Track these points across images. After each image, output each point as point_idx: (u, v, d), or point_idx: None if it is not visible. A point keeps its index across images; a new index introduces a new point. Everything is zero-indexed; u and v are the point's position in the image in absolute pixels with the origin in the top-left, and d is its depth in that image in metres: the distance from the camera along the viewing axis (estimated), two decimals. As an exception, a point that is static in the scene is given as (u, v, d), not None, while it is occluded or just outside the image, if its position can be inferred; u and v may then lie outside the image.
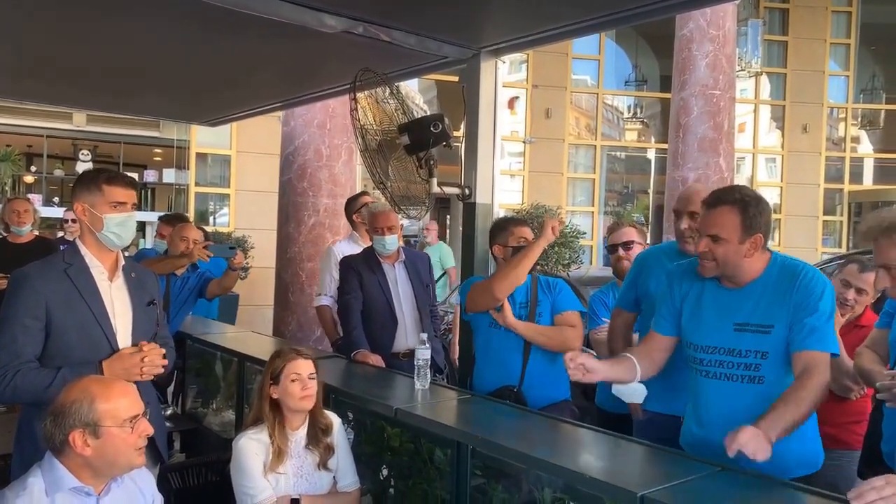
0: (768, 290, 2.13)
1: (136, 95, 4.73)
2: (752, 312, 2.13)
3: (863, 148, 15.15)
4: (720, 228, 2.11)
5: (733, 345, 2.14)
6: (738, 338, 2.13)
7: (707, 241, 2.14)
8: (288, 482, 2.33)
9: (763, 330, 2.11)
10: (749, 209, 2.10)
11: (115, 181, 2.28)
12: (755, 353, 2.11)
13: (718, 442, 2.07)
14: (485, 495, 2.19)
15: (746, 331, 2.12)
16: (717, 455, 2.15)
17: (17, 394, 2.13)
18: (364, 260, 3.69)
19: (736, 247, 2.11)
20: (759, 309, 2.13)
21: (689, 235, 2.68)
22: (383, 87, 3.12)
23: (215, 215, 10.54)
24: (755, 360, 2.11)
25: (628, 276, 2.92)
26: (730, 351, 2.15)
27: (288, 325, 6.03)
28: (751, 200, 2.12)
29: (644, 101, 14.47)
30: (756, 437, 1.87)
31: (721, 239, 2.11)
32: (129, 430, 1.71)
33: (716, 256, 2.13)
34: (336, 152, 6.06)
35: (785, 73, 14.07)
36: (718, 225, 2.12)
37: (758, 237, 2.11)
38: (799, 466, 2.12)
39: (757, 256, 2.15)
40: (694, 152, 8.15)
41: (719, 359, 2.16)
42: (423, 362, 2.74)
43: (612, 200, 14.24)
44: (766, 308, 2.12)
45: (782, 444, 2.02)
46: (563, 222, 3.01)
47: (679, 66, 8.39)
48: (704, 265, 2.18)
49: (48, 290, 2.17)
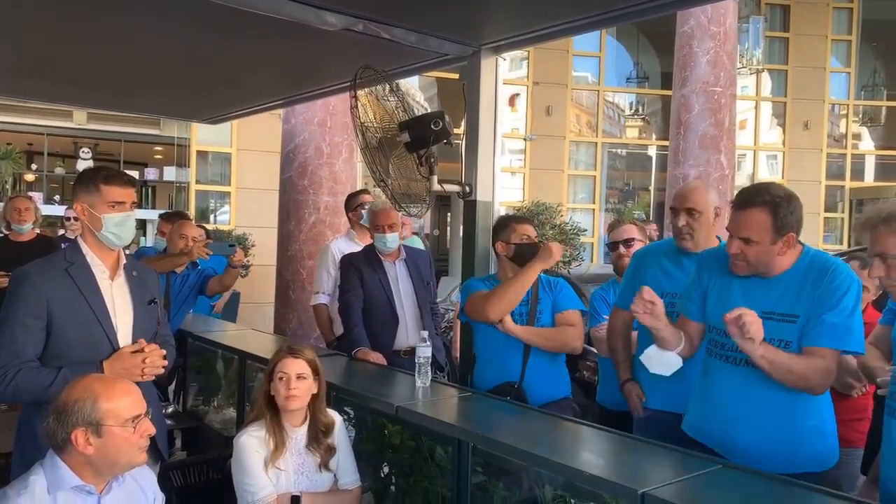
0: (796, 281, 2.12)
1: (136, 93, 4.73)
2: (779, 301, 2.12)
3: (864, 144, 15.12)
4: (751, 231, 2.08)
5: None
6: (764, 325, 2.10)
7: (739, 244, 2.11)
8: (289, 479, 2.33)
9: (788, 319, 2.10)
10: (780, 210, 2.07)
11: (113, 180, 2.27)
12: (778, 342, 2.09)
13: (723, 427, 2.10)
14: (486, 493, 2.19)
15: (772, 319, 2.11)
16: (716, 440, 2.19)
17: (18, 393, 2.13)
18: (365, 257, 3.69)
19: (768, 248, 2.09)
20: (786, 298, 2.12)
21: (687, 232, 2.68)
22: (383, 84, 3.12)
23: (216, 213, 10.54)
24: (778, 347, 2.09)
25: (626, 275, 2.92)
26: None
27: (289, 323, 6.03)
28: (781, 201, 2.08)
29: (645, 98, 14.46)
30: (758, 321, 1.94)
31: (753, 241, 2.09)
32: (132, 431, 1.71)
33: (748, 258, 2.11)
34: (337, 150, 6.06)
35: (786, 70, 14.05)
36: (749, 227, 2.09)
37: (790, 236, 2.09)
38: (811, 463, 2.12)
39: (789, 252, 2.14)
40: (695, 149, 8.14)
41: None
42: (423, 360, 2.74)
43: (613, 198, 14.23)
44: (793, 298, 2.11)
45: (802, 441, 2.08)
46: (561, 250, 3.00)
47: (680, 63, 8.38)
48: (737, 265, 2.16)
49: (49, 289, 2.17)
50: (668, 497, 1.66)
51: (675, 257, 2.75)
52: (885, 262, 1.83)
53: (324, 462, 2.39)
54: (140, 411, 1.75)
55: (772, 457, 2.08)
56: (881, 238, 1.83)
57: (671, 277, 2.72)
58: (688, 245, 2.70)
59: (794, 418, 2.11)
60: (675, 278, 2.70)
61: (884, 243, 1.82)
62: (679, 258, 2.74)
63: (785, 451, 2.10)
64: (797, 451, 2.11)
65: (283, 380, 2.34)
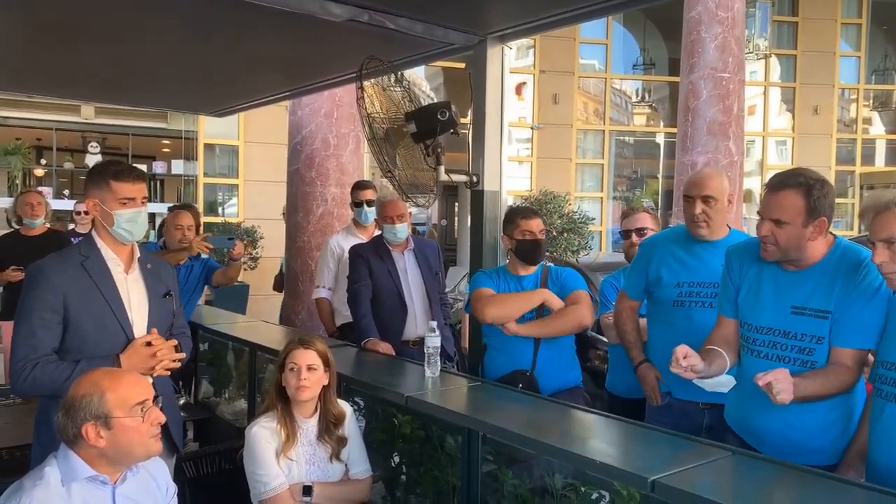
0: (828, 274, 2.09)
1: (143, 87, 4.74)
2: (811, 296, 2.10)
3: (874, 129, 15.00)
4: (783, 212, 2.06)
5: (789, 327, 2.11)
6: (795, 321, 2.10)
7: (770, 225, 2.08)
8: (300, 469, 2.35)
9: (821, 315, 2.07)
10: (813, 192, 2.04)
11: (123, 176, 2.27)
12: (811, 338, 2.08)
13: (756, 423, 2.11)
14: (496, 481, 2.20)
15: (804, 314, 2.09)
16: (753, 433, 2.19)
17: (37, 386, 2.15)
18: (373, 248, 3.70)
19: (800, 230, 2.06)
20: (817, 293, 2.09)
21: (704, 220, 2.63)
22: (389, 74, 3.11)
23: (224, 206, 10.57)
24: (810, 344, 2.08)
25: (636, 263, 2.87)
26: (785, 333, 2.12)
27: (298, 315, 6.05)
28: (815, 183, 2.05)
29: (652, 84, 14.37)
30: (788, 380, 1.90)
31: (784, 223, 2.06)
32: (140, 420, 1.73)
33: (778, 240, 2.09)
34: (343, 141, 6.05)
35: (795, 55, 13.92)
36: (782, 208, 2.06)
37: (822, 221, 2.06)
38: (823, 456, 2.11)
39: (820, 240, 2.10)
40: (703, 136, 8.08)
41: (773, 340, 2.14)
42: (433, 350, 2.74)
43: (621, 186, 14.18)
44: (825, 292, 2.08)
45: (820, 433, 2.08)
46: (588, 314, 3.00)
47: (688, 49, 8.30)
48: (767, 248, 2.13)
49: (65, 283, 2.18)
50: (677, 484, 1.67)
51: (687, 245, 2.71)
52: (889, 248, 1.82)
53: (335, 453, 2.41)
54: (147, 397, 1.76)
55: (807, 450, 2.07)
56: (887, 222, 1.82)
57: (688, 267, 2.68)
58: (703, 233, 2.65)
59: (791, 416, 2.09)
60: (691, 267, 2.68)
61: (891, 227, 1.81)
62: (691, 246, 2.70)
63: (821, 444, 2.10)
64: (822, 444, 2.10)
65: (293, 370, 2.35)
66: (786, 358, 2.12)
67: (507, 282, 3.04)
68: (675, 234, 2.83)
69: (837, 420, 2.12)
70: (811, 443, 2.10)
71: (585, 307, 2.92)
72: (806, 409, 2.06)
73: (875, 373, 1.94)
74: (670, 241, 2.80)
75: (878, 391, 1.91)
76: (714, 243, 2.65)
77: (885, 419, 1.86)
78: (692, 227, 2.67)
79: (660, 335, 2.74)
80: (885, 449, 1.85)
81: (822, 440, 2.11)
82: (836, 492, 1.72)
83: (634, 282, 2.85)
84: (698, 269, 2.66)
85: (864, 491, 1.70)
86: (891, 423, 1.84)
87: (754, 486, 1.77)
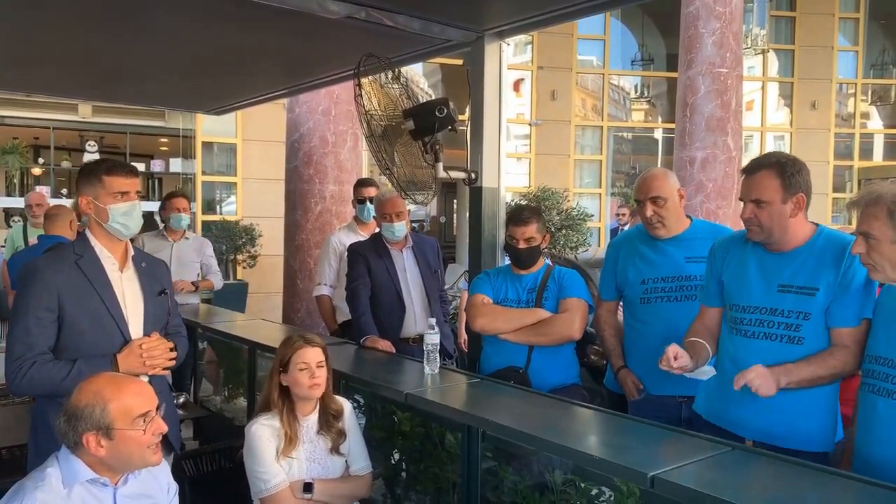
0: (813, 256, 2.15)
1: (141, 85, 4.74)
2: (797, 274, 2.16)
3: (872, 124, 14.99)
4: (762, 192, 2.14)
5: (776, 304, 2.17)
6: (782, 298, 2.16)
7: (751, 207, 2.16)
8: (301, 467, 2.35)
9: (808, 292, 2.13)
10: (786, 169, 2.13)
11: (115, 171, 2.27)
12: (797, 314, 2.14)
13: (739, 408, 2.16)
14: (496, 477, 2.21)
15: (790, 292, 2.15)
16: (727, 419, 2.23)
17: (33, 385, 2.15)
18: (372, 246, 3.70)
19: (780, 207, 2.13)
20: (803, 271, 2.15)
21: (657, 221, 2.71)
22: (387, 72, 3.11)
23: (222, 204, 10.56)
24: (797, 320, 2.13)
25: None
26: (772, 311, 2.17)
27: (297, 312, 6.06)
28: (787, 161, 2.16)
29: (650, 80, 14.35)
30: (763, 376, 1.99)
31: (763, 202, 2.14)
32: (142, 432, 1.72)
33: (761, 221, 2.16)
34: (341, 139, 6.05)
35: (793, 50, 13.90)
36: (760, 189, 2.14)
37: (800, 196, 2.13)
38: (812, 443, 2.15)
39: (801, 220, 2.17)
40: (701, 131, 8.07)
41: (760, 318, 2.19)
42: (432, 347, 2.75)
43: (620, 181, 14.16)
44: (811, 271, 2.14)
45: (803, 418, 2.12)
46: None
47: (685, 45, 8.29)
48: (752, 230, 2.20)
49: (59, 282, 2.18)
50: (677, 480, 1.67)
51: (650, 242, 2.79)
52: (867, 241, 1.87)
53: (335, 445, 2.41)
54: (150, 407, 1.75)
55: (779, 435, 2.11)
56: (866, 217, 1.87)
57: (651, 263, 2.76)
58: (661, 233, 2.74)
59: (805, 397, 2.13)
60: (655, 263, 2.75)
61: (870, 223, 1.85)
62: (655, 243, 2.78)
63: (796, 430, 2.13)
64: (800, 432, 2.14)
65: (304, 370, 2.34)
66: (773, 335, 2.17)
67: (506, 281, 3.04)
68: (640, 232, 2.87)
69: (822, 405, 2.16)
70: (796, 428, 2.14)
71: (577, 318, 2.91)
72: (789, 393, 2.09)
73: (865, 368, 1.95)
74: (635, 239, 2.87)
75: (868, 386, 1.93)
76: (676, 237, 2.74)
77: (878, 414, 1.87)
78: (649, 230, 2.77)
79: (633, 333, 2.84)
80: (877, 442, 1.87)
81: (807, 426, 2.15)
82: (834, 485, 1.73)
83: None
84: (661, 264, 2.74)
85: (860, 484, 1.70)
86: (883, 418, 1.86)
87: (753, 481, 1.78)
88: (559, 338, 2.91)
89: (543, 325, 2.91)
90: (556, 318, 2.91)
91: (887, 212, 1.83)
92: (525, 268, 3.02)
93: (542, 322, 2.92)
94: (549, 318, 2.92)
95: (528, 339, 2.92)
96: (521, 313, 2.95)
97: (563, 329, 2.90)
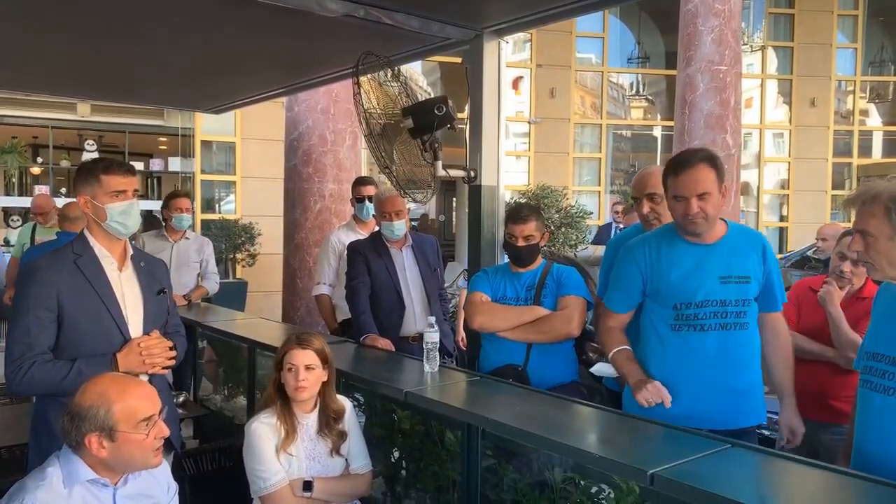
0: (735, 248, 2.35)
1: (140, 84, 4.74)
2: (730, 265, 2.32)
3: (871, 121, 14.98)
4: (706, 185, 2.25)
5: (723, 296, 2.31)
6: (726, 289, 2.31)
7: (695, 201, 2.25)
8: (300, 465, 2.35)
9: (744, 280, 2.33)
10: (717, 161, 2.30)
11: (112, 170, 2.27)
12: (742, 302, 2.32)
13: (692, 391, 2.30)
14: (495, 475, 2.21)
15: (731, 282, 2.32)
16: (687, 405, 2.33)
17: (34, 385, 2.15)
18: (371, 244, 3.70)
19: (717, 198, 2.28)
20: (735, 262, 2.33)
21: (654, 218, 2.75)
22: (386, 70, 3.11)
23: (221, 203, 10.55)
24: (743, 308, 2.32)
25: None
26: (722, 302, 2.31)
27: (297, 311, 6.06)
28: (714, 153, 2.35)
29: (648, 77, 14.34)
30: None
31: (707, 194, 2.25)
32: (145, 435, 1.72)
33: (707, 212, 2.26)
34: (340, 137, 6.05)
35: (792, 47, 13.88)
36: (703, 182, 2.26)
37: (725, 186, 2.31)
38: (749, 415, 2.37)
39: (718, 222, 2.34)
40: (700, 129, 8.08)
41: (714, 310, 2.31)
42: (431, 345, 2.75)
43: (619, 179, 14.15)
44: (740, 262, 2.33)
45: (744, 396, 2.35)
46: None
47: (684, 42, 8.29)
48: (697, 223, 2.29)
49: (59, 281, 2.18)
50: (676, 477, 1.67)
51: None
52: (864, 240, 1.89)
53: (335, 447, 2.41)
54: (154, 411, 1.75)
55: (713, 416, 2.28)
56: (864, 215, 1.88)
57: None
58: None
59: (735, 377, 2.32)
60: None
61: (867, 221, 1.86)
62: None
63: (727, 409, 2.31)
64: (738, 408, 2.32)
65: (291, 371, 2.34)
66: (728, 325, 2.31)
67: (505, 279, 3.04)
68: (637, 231, 2.88)
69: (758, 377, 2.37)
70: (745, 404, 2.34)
71: (575, 315, 2.89)
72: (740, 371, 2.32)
73: (863, 364, 1.95)
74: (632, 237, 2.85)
75: (866, 382, 1.93)
76: None
77: (875, 410, 1.88)
78: (645, 226, 2.82)
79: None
80: (875, 439, 1.88)
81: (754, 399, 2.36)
82: (832, 481, 1.73)
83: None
84: None
85: (858, 481, 1.70)
86: (881, 414, 1.86)
87: (752, 477, 1.79)
88: (558, 335, 2.91)
89: (542, 322, 2.91)
90: (555, 316, 2.91)
91: (884, 209, 1.83)
92: (524, 266, 3.01)
93: (541, 319, 2.91)
94: (547, 315, 2.92)
95: (526, 337, 2.92)
96: (519, 311, 2.95)
97: (562, 326, 2.89)
